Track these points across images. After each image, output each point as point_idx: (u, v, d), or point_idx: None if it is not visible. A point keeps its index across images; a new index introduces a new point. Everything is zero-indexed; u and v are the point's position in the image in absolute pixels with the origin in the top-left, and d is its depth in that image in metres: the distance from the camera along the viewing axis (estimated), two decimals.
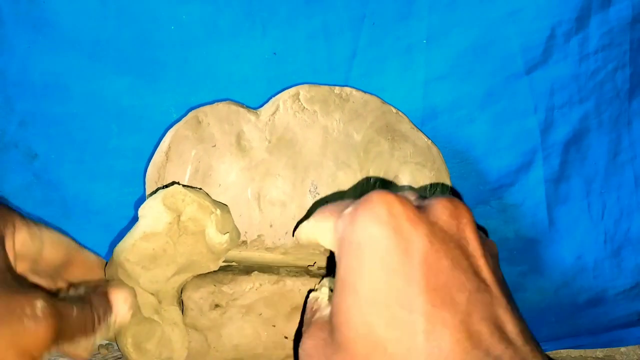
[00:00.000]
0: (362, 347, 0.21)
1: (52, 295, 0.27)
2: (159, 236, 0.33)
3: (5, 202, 0.33)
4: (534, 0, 0.42)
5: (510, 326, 0.22)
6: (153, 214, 0.33)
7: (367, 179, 0.39)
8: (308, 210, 0.38)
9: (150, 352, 0.34)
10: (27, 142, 0.41)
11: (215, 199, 0.37)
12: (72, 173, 0.42)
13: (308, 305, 0.31)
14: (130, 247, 0.32)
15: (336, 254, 0.25)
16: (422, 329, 0.20)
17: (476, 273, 0.23)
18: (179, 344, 0.35)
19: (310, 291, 0.34)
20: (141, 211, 0.33)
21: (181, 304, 0.36)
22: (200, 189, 0.37)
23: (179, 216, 0.33)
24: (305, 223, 0.30)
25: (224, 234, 0.34)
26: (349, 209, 0.24)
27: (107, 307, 0.29)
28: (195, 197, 0.34)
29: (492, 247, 0.27)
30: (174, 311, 0.35)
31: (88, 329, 0.28)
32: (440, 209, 0.24)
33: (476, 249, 0.24)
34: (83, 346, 0.29)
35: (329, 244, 0.26)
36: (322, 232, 0.27)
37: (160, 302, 0.35)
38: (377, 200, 0.23)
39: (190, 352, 0.36)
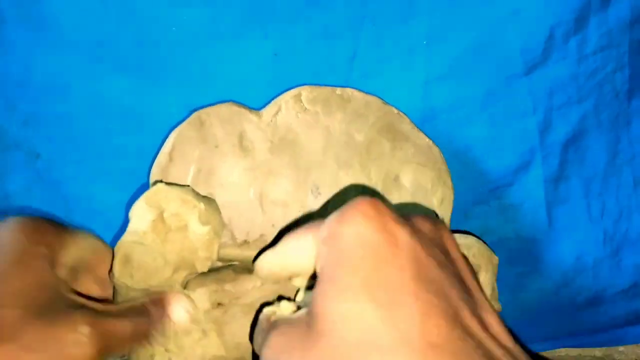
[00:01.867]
0: (349, 333, 0.20)
1: (105, 308, 0.27)
2: (145, 235, 0.33)
3: (51, 219, 0.32)
4: (533, 2, 0.42)
5: (497, 328, 0.22)
6: (138, 214, 0.33)
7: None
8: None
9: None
10: (30, 143, 0.41)
11: (217, 199, 0.37)
12: (75, 173, 0.42)
13: (262, 318, 0.29)
14: (121, 248, 0.33)
15: (320, 262, 0.24)
16: (417, 311, 0.20)
17: (460, 278, 0.23)
18: None
19: (263, 305, 0.32)
20: (130, 213, 0.33)
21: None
22: (188, 185, 0.37)
23: (162, 213, 0.33)
24: (271, 250, 0.28)
25: (205, 226, 0.34)
26: (332, 216, 0.24)
27: (164, 314, 0.29)
28: (177, 193, 0.33)
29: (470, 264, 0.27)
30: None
31: (141, 338, 0.28)
32: (421, 220, 0.24)
33: (459, 258, 0.24)
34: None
35: (308, 258, 0.25)
36: (298, 250, 0.26)
37: None
38: (363, 202, 0.23)
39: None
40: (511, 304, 0.45)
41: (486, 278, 0.38)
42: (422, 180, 0.40)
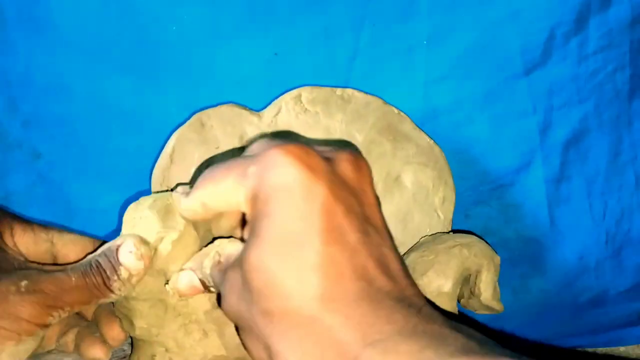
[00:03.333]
0: (265, 288, 0.23)
1: (50, 268, 0.29)
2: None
3: (3, 207, 0.34)
4: (533, 2, 0.42)
5: (394, 264, 0.25)
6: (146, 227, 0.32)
7: None
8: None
9: None
10: (31, 143, 0.41)
11: None
12: (76, 173, 0.42)
13: (211, 262, 0.30)
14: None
15: (249, 209, 0.26)
16: (312, 263, 0.23)
17: (367, 219, 0.25)
18: None
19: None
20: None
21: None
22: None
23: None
24: (194, 191, 0.29)
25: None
26: (254, 164, 0.25)
27: (116, 265, 0.29)
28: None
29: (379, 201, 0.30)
30: None
31: (101, 291, 0.29)
32: (344, 161, 0.26)
33: (371, 199, 0.27)
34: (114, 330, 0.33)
35: (235, 201, 0.26)
36: (222, 192, 0.27)
37: None
38: (288, 150, 0.24)
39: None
40: (513, 305, 0.45)
41: (488, 278, 0.38)
42: (423, 180, 0.40)
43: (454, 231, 0.41)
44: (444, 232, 0.41)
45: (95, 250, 0.31)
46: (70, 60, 0.40)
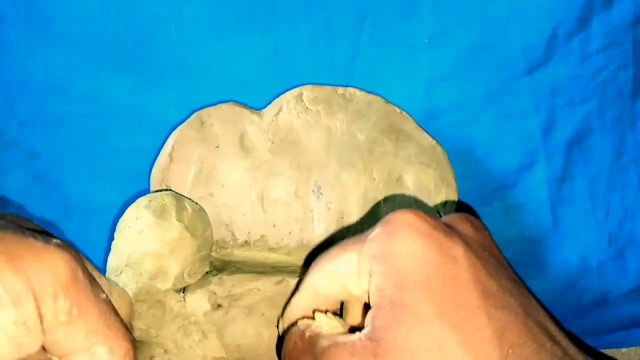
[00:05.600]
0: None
1: None
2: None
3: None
4: (535, 0, 0.42)
5: (549, 324, 0.22)
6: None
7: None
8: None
9: None
10: (28, 142, 0.41)
11: (218, 199, 0.37)
12: (73, 172, 0.41)
13: (295, 331, 0.26)
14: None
15: (374, 283, 0.22)
16: (492, 332, 0.20)
17: (514, 280, 0.23)
18: None
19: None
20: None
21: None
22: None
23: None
24: (309, 275, 0.26)
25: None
26: (378, 231, 0.22)
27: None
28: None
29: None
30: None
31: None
32: (462, 223, 0.24)
33: (503, 258, 0.24)
34: None
35: (354, 278, 0.23)
36: (339, 270, 0.23)
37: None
38: (409, 215, 0.22)
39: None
40: None
41: None
42: (425, 181, 0.40)
43: None
44: None
45: None
46: (67, 59, 0.39)
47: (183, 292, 0.35)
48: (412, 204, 0.40)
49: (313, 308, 0.26)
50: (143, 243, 0.30)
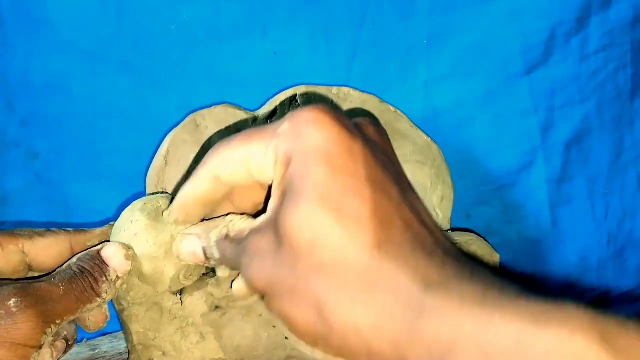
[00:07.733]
0: (314, 244, 0.22)
1: (35, 281, 0.27)
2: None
3: None
4: (534, 1, 0.42)
5: (428, 218, 0.25)
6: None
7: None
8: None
9: None
10: (28, 142, 0.41)
11: None
12: (73, 172, 0.42)
13: (216, 225, 0.29)
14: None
15: (281, 171, 0.25)
16: (365, 212, 0.22)
17: (400, 175, 0.26)
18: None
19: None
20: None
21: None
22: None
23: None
24: (198, 168, 0.27)
25: None
26: (284, 126, 0.25)
27: (103, 267, 0.29)
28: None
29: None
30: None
31: (87, 296, 0.28)
32: (367, 125, 0.26)
33: (397, 159, 0.27)
34: (96, 314, 0.30)
35: (260, 164, 0.25)
36: (242, 159, 0.26)
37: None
38: (318, 112, 0.24)
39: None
40: None
41: None
42: (421, 179, 0.40)
43: (454, 229, 0.41)
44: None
45: (72, 256, 0.30)
46: (68, 59, 0.40)
47: (180, 295, 0.35)
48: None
49: (210, 198, 0.28)
50: (138, 246, 0.30)
